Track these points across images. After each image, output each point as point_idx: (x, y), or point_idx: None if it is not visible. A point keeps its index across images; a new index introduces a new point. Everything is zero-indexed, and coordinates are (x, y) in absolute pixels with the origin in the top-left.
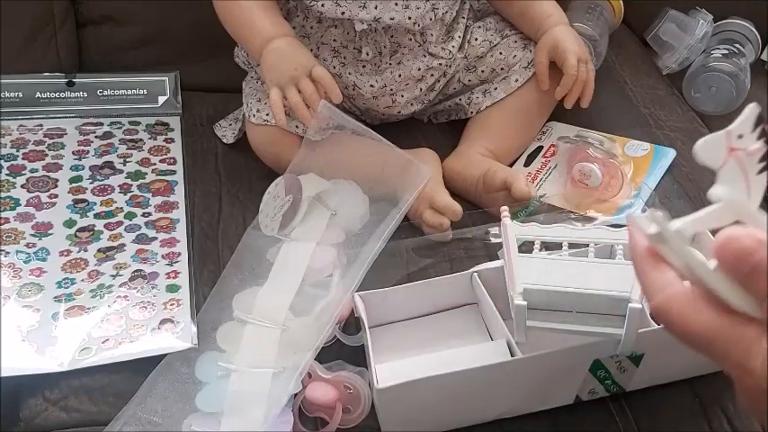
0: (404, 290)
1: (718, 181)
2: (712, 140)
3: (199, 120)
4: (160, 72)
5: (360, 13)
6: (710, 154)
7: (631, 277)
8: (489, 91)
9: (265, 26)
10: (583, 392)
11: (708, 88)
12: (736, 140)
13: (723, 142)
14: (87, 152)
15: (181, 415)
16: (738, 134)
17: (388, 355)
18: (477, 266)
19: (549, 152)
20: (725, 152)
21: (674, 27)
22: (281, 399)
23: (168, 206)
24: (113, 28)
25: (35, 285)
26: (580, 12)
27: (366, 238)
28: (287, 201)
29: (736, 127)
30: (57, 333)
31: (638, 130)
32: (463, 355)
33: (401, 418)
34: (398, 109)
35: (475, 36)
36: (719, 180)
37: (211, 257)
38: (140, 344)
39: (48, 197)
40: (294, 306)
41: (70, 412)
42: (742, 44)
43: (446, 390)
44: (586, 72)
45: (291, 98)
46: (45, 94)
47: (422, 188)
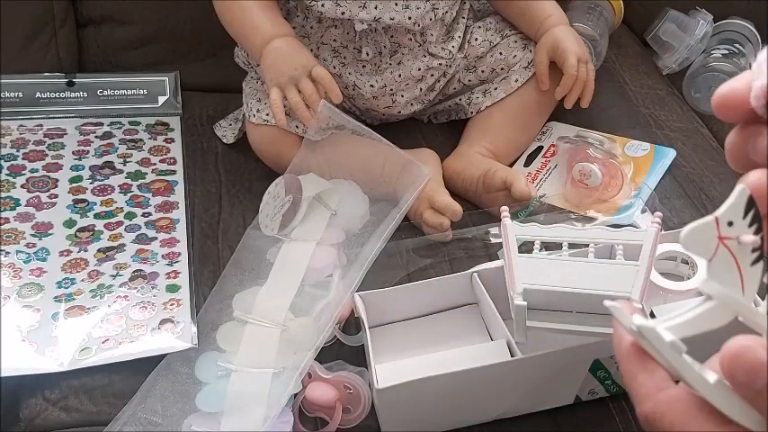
0: (404, 290)
1: (708, 274)
2: (700, 229)
3: (199, 120)
4: (160, 72)
5: (360, 13)
6: (699, 244)
7: (631, 277)
8: (489, 91)
9: (265, 26)
10: (583, 392)
11: (708, 88)
12: (726, 229)
13: (712, 231)
14: (87, 152)
15: (181, 415)
16: (728, 221)
17: (388, 355)
18: (478, 266)
19: (549, 152)
20: (715, 241)
21: (674, 27)
22: (281, 399)
23: (168, 206)
24: (113, 28)
25: (35, 285)
26: (580, 12)
27: (366, 238)
28: (287, 201)
29: (725, 213)
30: (57, 333)
31: (638, 130)
32: (463, 356)
33: (401, 418)
34: (398, 109)
35: (475, 36)
36: (710, 273)
37: (211, 257)
38: (140, 344)
39: (48, 197)
40: (294, 306)
41: (70, 412)
42: (742, 44)
43: (446, 390)
44: (586, 72)
45: (291, 98)
46: (45, 94)
47: (422, 188)
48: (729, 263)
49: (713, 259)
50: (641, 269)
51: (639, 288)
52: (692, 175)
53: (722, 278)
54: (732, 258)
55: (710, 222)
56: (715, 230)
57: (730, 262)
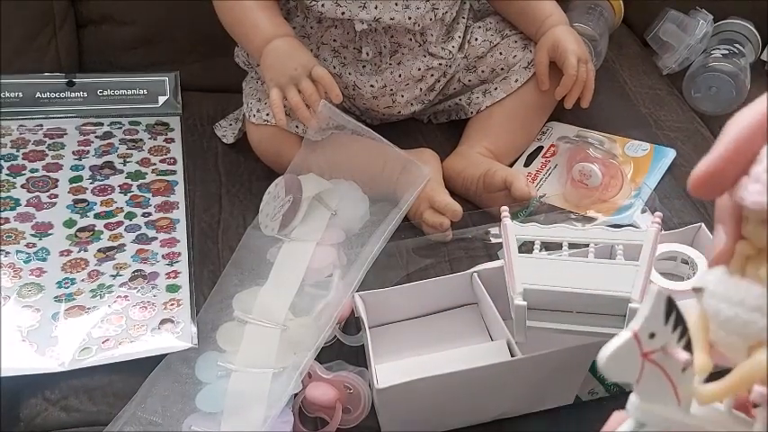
0: (404, 290)
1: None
2: (621, 352)
3: (199, 120)
4: (160, 72)
5: (360, 13)
6: (622, 368)
7: (631, 277)
8: (489, 91)
9: (265, 26)
10: (583, 392)
11: (708, 88)
12: (648, 342)
13: (634, 349)
14: (87, 152)
15: (181, 415)
16: (649, 333)
17: (389, 355)
18: (478, 266)
19: (549, 152)
20: (639, 360)
21: (674, 27)
22: (281, 399)
23: (168, 206)
24: (113, 28)
25: (35, 285)
26: (580, 12)
27: (366, 238)
28: (287, 201)
29: (644, 326)
30: (57, 333)
31: (638, 130)
32: (463, 356)
33: (401, 418)
34: (398, 109)
35: (475, 36)
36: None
37: (211, 257)
38: (140, 344)
39: (48, 197)
40: (294, 306)
41: (70, 412)
42: (742, 44)
43: (446, 390)
44: (586, 72)
45: (291, 98)
46: (45, 94)
47: (422, 188)
48: (658, 377)
49: (640, 380)
50: (641, 269)
51: (639, 288)
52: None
53: (653, 397)
54: (660, 371)
55: (630, 341)
56: (637, 348)
57: (659, 376)
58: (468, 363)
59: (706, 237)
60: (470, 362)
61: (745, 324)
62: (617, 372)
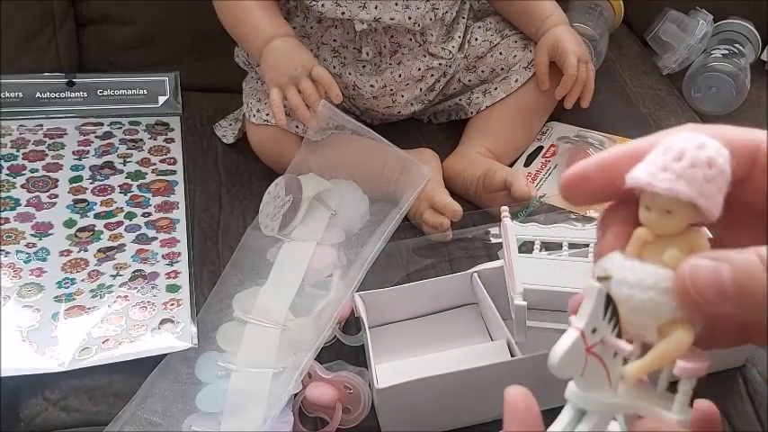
0: (404, 290)
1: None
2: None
3: (199, 120)
4: (160, 72)
5: (360, 13)
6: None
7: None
8: (489, 91)
9: (265, 26)
10: None
11: (708, 88)
12: (591, 337)
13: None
14: (87, 152)
15: (181, 415)
16: (592, 329)
17: (389, 355)
18: (478, 267)
19: (549, 152)
20: (584, 355)
21: (674, 27)
22: (281, 399)
23: (168, 206)
24: (113, 28)
25: (35, 285)
26: (580, 12)
27: (366, 238)
28: (287, 201)
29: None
30: (57, 333)
31: (638, 130)
32: (463, 356)
33: (401, 418)
34: (398, 109)
35: (475, 36)
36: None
37: (211, 257)
38: (140, 344)
39: (48, 197)
40: (294, 306)
41: (70, 412)
42: (742, 44)
43: (446, 390)
44: (586, 72)
45: (291, 98)
46: (45, 94)
47: (422, 188)
48: (597, 368)
49: (584, 372)
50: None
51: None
52: None
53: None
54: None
55: (578, 339)
56: (583, 345)
57: (598, 365)
58: (468, 363)
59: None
60: (470, 362)
61: (658, 306)
62: (568, 369)
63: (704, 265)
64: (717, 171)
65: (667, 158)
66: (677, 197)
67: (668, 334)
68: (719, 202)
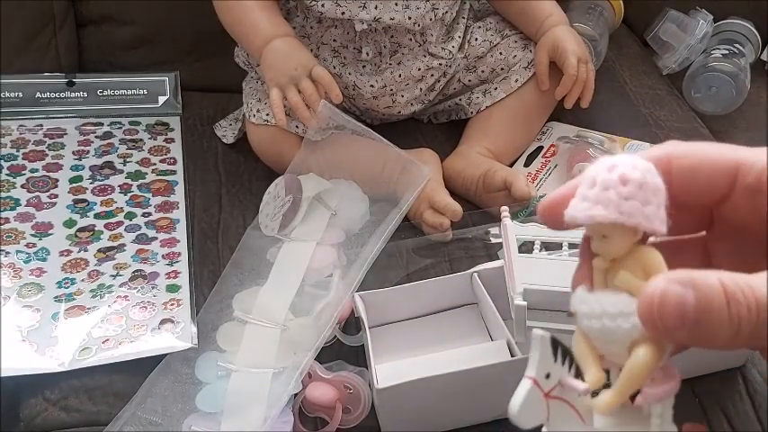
0: (404, 290)
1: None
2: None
3: (199, 120)
4: (160, 72)
5: (360, 13)
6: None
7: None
8: (489, 91)
9: (265, 26)
10: None
11: (708, 88)
12: (546, 383)
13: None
14: (87, 152)
15: (181, 415)
16: (546, 374)
17: (389, 355)
18: (478, 266)
19: (549, 152)
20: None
21: (674, 27)
22: (281, 399)
23: (168, 206)
24: (113, 28)
25: (35, 285)
26: (580, 12)
27: (366, 238)
28: (287, 201)
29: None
30: (57, 333)
31: (638, 130)
32: (463, 356)
33: (401, 418)
34: (398, 109)
35: (475, 36)
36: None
37: (211, 257)
38: (140, 344)
39: (48, 197)
40: (294, 306)
41: (70, 412)
42: (742, 44)
43: (446, 390)
44: (586, 72)
45: (291, 98)
46: (45, 94)
47: (422, 188)
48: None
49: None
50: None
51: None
52: None
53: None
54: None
55: (533, 388)
56: (539, 392)
57: (562, 407)
58: (468, 363)
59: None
60: (470, 362)
61: (613, 331)
62: (529, 419)
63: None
64: (634, 186)
65: (584, 188)
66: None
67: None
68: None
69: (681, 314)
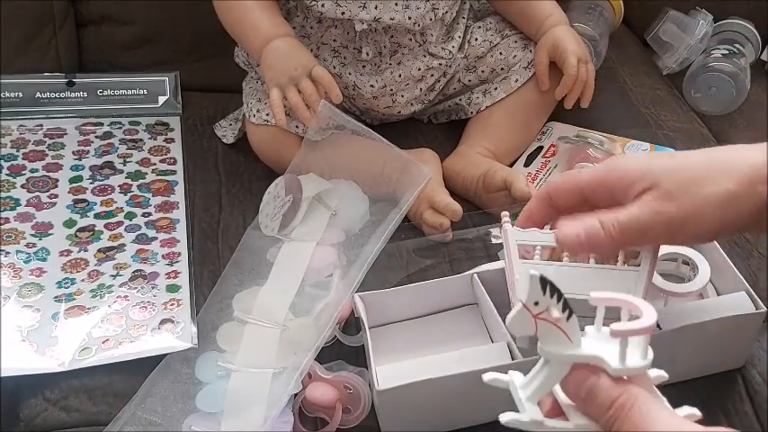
0: (404, 290)
1: (540, 342)
2: (517, 318)
3: (199, 120)
4: (160, 72)
5: (360, 13)
6: (521, 327)
7: (633, 281)
8: (489, 91)
9: (265, 26)
10: None
11: (708, 88)
12: (535, 308)
13: (526, 314)
14: (87, 152)
15: (181, 415)
16: (534, 302)
17: (389, 355)
18: (478, 267)
19: (549, 152)
20: (532, 320)
21: (674, 27)
22: (281, 399)
23: (168, 206)
24: (113, 28)
25: (35, 285)
26: (580, 12)
27: (366, 238)
28: (287, 201)
29: (528, 298)
30: (57, 333)
31: (638, 130)
32: (464, 357)
33: (401, 418)
34: (398, 109)
35: (475, 36)
36: (541, 341)
37: (211, 257)
38: (140, 344)
39: (48, 197)
40: (294, 306)
41: (70, 412)
42: (742, 44)
43: (447, 391)
44: (586, 72)
45: (291, 98)
46: (45, 94)
47: (422, 188)
48: (550, 328)
49: (537, 332)
50: (642, 272)
51: (641, 291)
52: None
53: (550, 340)
54: (550, 324)
55: (521, 309)
56: (528, 313)
57: (550, 327)
58: (468, 365)
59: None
60: (471, 364)
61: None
62: (519, 329)
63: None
64: None
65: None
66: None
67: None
68: None
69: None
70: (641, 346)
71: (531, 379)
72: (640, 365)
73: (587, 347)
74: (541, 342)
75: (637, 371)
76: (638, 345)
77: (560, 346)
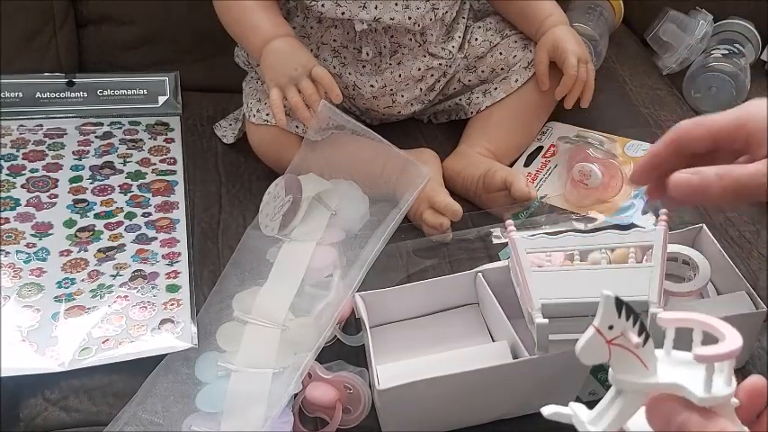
0: (405, 290)
1: (613, 371)
2: (588, 344)
3: (199, 120)
4: (160, 72)
5: (360, 13)
6: (594, 354)
7: (646, 280)
8: (489, 91)
9: (265, 26)
10: (583, 394)
11: (708, 88)
12: (609, 332)
13: (599, 339)
14: (87, 152)
15: (181, 415)
16: (608, 326)
17: (389, 355)
18: (481, 266)
19: (549, 152)
20: (605, 347)
21: (674, 27)
22: (282, 399)
23: (168, 206)
24: (113, 28)
25: (35, 285)
26: (580, 12)
27: (366, 238)
28: (287, 201)
29: (601, 322)
30: (57, 333)
31: (638, 129)
32: (465, 357)
33: (402, 418)
34: (398, 109)
35: (475, 36)
36: (614, 370)
37: (211, 257)
38: (140, 344)
39: (48, 197)
40: (294, 306)
41: (70, 412)
42: (742, 44)
43: (447, 391)
44: (586, 72)
45: (291, 98)
46: (45, 94)
47: (422, 188)
48: (625, 355)
49: (611, 359)
50: (655, 270)
51: (656, 290)
52: None
53: (625, 369)
54: (625, 350)
55: (594, 334)
56: (601, 338)
57: (626, 354)
58: (470, 364)
59: (707, 238)
60: (472, 363)
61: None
62: (590, 358)
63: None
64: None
65: None
66: None
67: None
68: None
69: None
70: (725, 372)
71: (601, 412)
72: (727, 393)
73: (665, 375)
74: (615, 370)
75: (723, 399)
76: (720, 370)
77: (637, 375)
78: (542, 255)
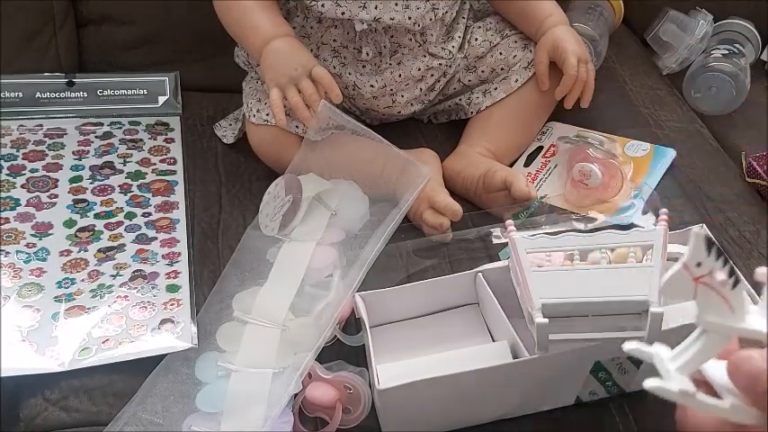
0: (405, 290)
1: (698, 310)
2: (674, 278)
3: (199, 120)
4: (160, 72)
5: (360, 13)
6: (679, 291)
7: (646, 279)
8: (489, 91)
9: (265, 26)
10: (583, 393)
11: (708, 88)
12: (695, 269)
13: (686, 276)
14: (87, 152)
15: (181, 415)
16: (696, 263)
17: (389, 355)
18: (482, 266)
19: (549, 152)
20: (691, 283)
21: (674, 27)
22: (282, 399)
23: (168, 206)
24: (113, 28)
25: (35, 285)
26: (580, 12)
27: (366, 238)
28: (287, 201)
29: (690, 258)
30: (57, 333)
31: (638, 130)
32: (465, 357)
33: (402, 418)
34: (398, 109)
35: (475, 36)
36: (700, 309)
37: (211, 257)
38: (140, 344)
39: (48, 197)
40: (294, 306)
41: (70, 412)
42: (742, 44)
43: (448, 391)
44: (586, 72)
45: (291, 98)
46: (45, 94)
47: (422, 188)
48: (711, 295)
49: (697, 297)
50: (655, 270)
51: (656, 291)
52: (691, 175)
53: (710, 309)
54: (712, 290)
55: (681, 270)
56: (688, 275)
57: (712, 294)
58: (470, 364)
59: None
60: (472, 363)
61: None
62: (674, 293)
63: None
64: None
65: None
66: None
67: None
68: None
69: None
70: None
71: (682, 350)
72: None
73: (754, 322)
74: (700, 310)
75: None
76: None
77: (722, 317)
78: (542, 255)
